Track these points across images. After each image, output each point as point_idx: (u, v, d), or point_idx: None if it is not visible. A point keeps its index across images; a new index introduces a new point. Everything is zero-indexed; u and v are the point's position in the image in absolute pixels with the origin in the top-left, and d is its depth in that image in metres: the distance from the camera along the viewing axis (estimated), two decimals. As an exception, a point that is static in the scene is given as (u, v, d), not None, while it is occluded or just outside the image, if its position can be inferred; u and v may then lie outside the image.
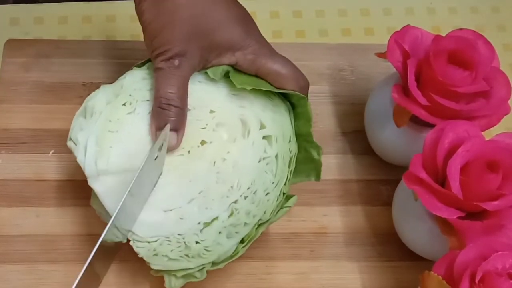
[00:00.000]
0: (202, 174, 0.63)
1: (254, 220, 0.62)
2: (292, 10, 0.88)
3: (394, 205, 0.70)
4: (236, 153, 0.63)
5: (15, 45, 0.79)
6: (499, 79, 0.67)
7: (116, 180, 0.62)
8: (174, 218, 0.62)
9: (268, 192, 0.63)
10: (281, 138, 0.64)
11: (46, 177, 0.72)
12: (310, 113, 0.65)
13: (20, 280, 0.67)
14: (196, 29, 0.62)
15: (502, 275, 0.56)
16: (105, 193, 0.62)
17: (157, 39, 0.62)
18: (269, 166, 0.63)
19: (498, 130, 0.67)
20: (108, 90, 0.65)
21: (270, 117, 0.65)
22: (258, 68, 0.64)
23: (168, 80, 0.62)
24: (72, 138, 0.64)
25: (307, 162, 0.66)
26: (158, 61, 0.62)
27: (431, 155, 0.63)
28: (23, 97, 0.76)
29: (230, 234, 0.62)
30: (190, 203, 0.62)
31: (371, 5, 0.89)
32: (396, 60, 0.68)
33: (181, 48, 0.62)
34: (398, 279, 0.70)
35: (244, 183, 0.62)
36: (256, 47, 0.64)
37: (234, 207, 0.62)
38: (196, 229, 0.62)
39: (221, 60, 0.64)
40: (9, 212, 0.70)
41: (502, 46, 0.86)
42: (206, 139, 0.64)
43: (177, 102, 0.62)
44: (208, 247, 0.61)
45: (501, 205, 0.60)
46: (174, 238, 0.61)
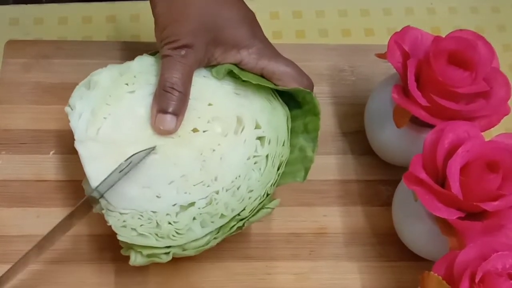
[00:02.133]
0: (188, 160, 0.64)
1: (232, 214, 0.63)
2: (292, 11, 0.88)
3: (394, 205, 0.70)
4: (226, 147, 0.64)
5: (15, 46, 0.79)
6: (499, 79, 0.67)
7: (102, 150, 0.64)
8: (151, 195, 0.63)
9: (252, 190, 0.64)
10: (274, 141, 0.65)
11: (46, 178, 0.72)
12: (317, 107, 0.66)
13: (20, 280, 0.67)
14: (204, 25, 0.64)
15: (502, 275, 0.56)
16: (88, 158, 0.63)
17: (166, 30, 0.64)
18: (257, 165, 0.64)
19: (498, 131, 0.67)
20: (114, 68, 0.67)
21: (267, 119, 0.66)
22: (262, 68, 0.66)
23: (174, 65, 0.64)
24: (70, 104, 0.66)
25: (296, 162, 0.67)
26: (165, 49, 0.64)
27: (431, 156, 0.63)
28: (23, 97, 0.76)
29: (205, 222, 0.63)
30: (170, 184, 0.63)
31: (371, 6, 0.89)
32: (396, 60, 0.68)
33: (189, 41, 0.64)
34: (398, 279, 0.70)
35: (228, 177, 0.63)
36: (260, 47, 0.66)
37: (213, 197, 0.63)
38: (170, 210, 0.62)
39: (227, 57, 0.66)
40: (10, 213, 0.70)
41: (502, 47, 0.86)
42: (199, 128, 0.65)
43: (181, 87, 0.64)
44: (179, 230, 0.62)
45: (501, 206, 0.60)
46: (147, 214, 0.62)
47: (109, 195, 0.63)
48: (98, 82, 0.66)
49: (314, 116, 0.66)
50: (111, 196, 0.63)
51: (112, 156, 0.63)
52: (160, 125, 0.64)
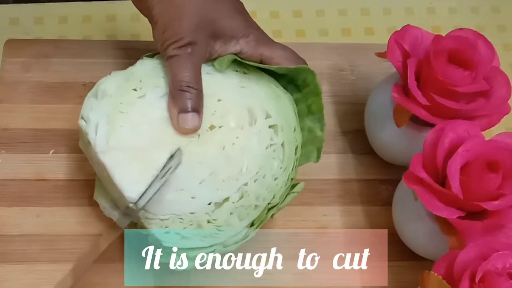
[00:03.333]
0: (212, 157, 0.64)
1: (264, 203, 0.64)
2: (292, 10, 0.88)
3: (394, 205, 0.70)
4: (244, 139, 0.65)
5: (15, 45, 0.79)
6: (499, 78, 0.67)
7: (127, 157, 0.63)
8: (186, 197, 0.63)
9: (277, 177, 0.65)
10: (286, 127, 0.66)
11: (46, 177, 0.72)
12: (319, 87, 0.67)
13: (20, 280, 0.67)
14: (203, 20, 0.65)
15: (502, 275, 0.56)
16: (115, 167, 0.63)
17: (168, 31, 0.64)
18: (276, 153, 0.65)
19: (498, 130, 0.67)
20: (119, 75, 0.66)
21: (275, 108, 0.66)
22: (261, 54, 0.67)
23: (184, 64, 0.64)
24: (83, 116, 0.65)
25: (307, 144, 0.68)
26: (170, 49, 0.64)
27: (431, 155, 0.63)
28: (23, 97, 0.76)
29: (241, 216, 0.63)
30: (201, 184, 0.63)
31: (371, 5, 0.89)
32: (396, 59, 0.68)
33: (192, 38, 0.64)
34: (398, 278, 0.70)
35: (253, 168, 0.64)
36: (257, 34, 0.67)
37: (244, 190, 0.64)
38: (208, 209, 0.63)
39: (227, 48, 0.67)
40: (9, 212, 0.70)
41: (502, 46, 0.86)
42: (215, 124, 0.65)
43: (195, 84, 0.64)
44: (219, 226, 0.63)
45: (501, 205, 0.60)
46: (186, 217, 0.63)
47: (149, 204, 0.62)
48: (105, 90, 0.65)
49: (316, 96, 0.67)
50: (151, 204, 0.62)
51: (138, 162, 0.63)
52: (185, 125, 0.64)
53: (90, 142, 0.63)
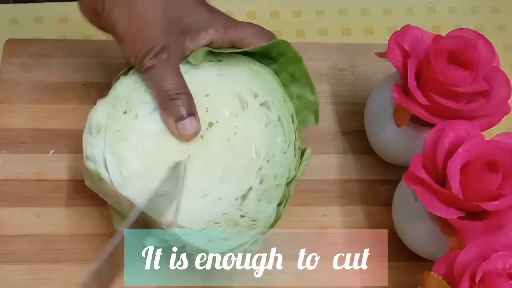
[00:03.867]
0: (221, 153, 0.64)
1: (283, 180, 0.65)
2: (292, 10, 0.88)
3: (394, 205, 0.70)
4: (243, 125, 0.65)
5: (15, 45, 0.79)
6: (499, 78, 0.67)
7: (144, 182, 0.63)
8: (213, 201, 0.63)
9: (285, 151, 0.65)
10: (276, 101, 0.67)
11: (46, 177, 0.72)
12: (297, 54, 0.68)
13: (20, 280, 0.67)
14: (170, 21, 0.64)
15: (502, 275, 0.56)
16: (139, 197, 0.62)
17: (138, 42, 0.63)
18: (276, 128, 0.66)
19: (498, 130, 0.67)
20: (106, 103, 0.65)
21: (260, 85, 0.67)
22: (231, 39, 0.67)
23: (165, 72, 0.63)
24: (88, 157, 0.64)
25: (301, 110, 0.69)
26: (146, 61, 0.63)
27: (431, 155, 0.63)
28: (23, 97, 0.76)
29: (268, 199, 0.64)
30: (221, 183, 0.64)
31: (371, 5, 0.89)
32: (396, 59, 0.68)
33: (164, 43, 0.63)
34: (398, 279, 0.70)
35: (261, 150, 0.65)
36: (223, 20, 0.67)
37: (261, 174, 0.64)
38: (236, 205, 0.63)
39: (198, 42, 0.66)
40: (9, 212, 0.70)
41: (502, 46, 0.86)
42: (212, 120, 0.65)
43: (183, 88, 0.64)
44: (253, 217, 0.63)
45: (501, 205, 0.60)
46: (221, 219, 0.63)
47: (183, 219, 0.62)
48: (98, 123, 0.64)
49: (296, 63, 0.68)
50: (180, 219, 0.62)
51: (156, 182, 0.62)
52: (185, 132, 0.63)
53: (104, 180, 0.63)
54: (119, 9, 0.63)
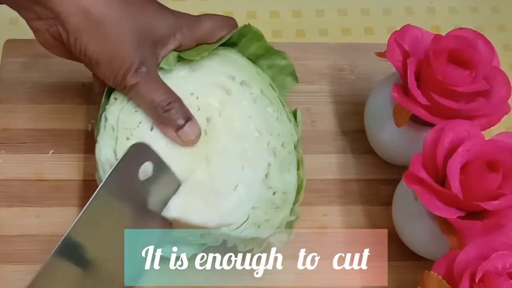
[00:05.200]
0: (230, 144, 0.65)
1: (291, 147, 0.66)
2: (292, 10, 0.88)
3: (394, 204, 0.70)
4: (235, 110, 0.66)
5: (15, 45, 0.79)
6: (499, 78, 0.67)
7: (182, 196, 0.63)
8: (245, 189, 0.64)
9: (280, 119, 0.67)
10: (251, 76, 0.68)
11: (45, 177, 0.72)
12: (258, 32, 0.68)
13: (20, 280, 0.67)
14: (141, 35, 0.63)
15: (502, 275, 0.56)
16: (184, 213, 0.63)
17: (115, 62, 0.62)
18: (264, 102, 0.67)
19: (498, 130, 0.67)
20: (106, 139, 0.65)
21: (231, 66, 0.68)
22: (197, 39, 0.67)
23: (150, 86, 0.63)
24: None
25: (276, 76, 0.70)
26: (128, 79, 0.63)
27: (431, 155, 0.63)
28: (23, 97, 0.76)
29: (287, 168, 0.66)
30: (243, 169, 0.65)
31: (371, 5, 0.89)
32: (396, 59, 0.68)
33: (140, 57, 0.63)
34: (398, 279, 0.70)
35: (261, 127, 0.66)
36: (186, 22, 0.66)
37: (272, 148, 0.66)
38: (264, 185, 0.64)
39: (168, 48, 0.66)
40: (9, 212, 0.70)
41: (502, 46, 0.86)
42: (207, 115, 0.66)
43: (172, 96, 0.64)
44: (283, 190, 0.65)
45: (501, 205, 0.60)
46: (258, 203, 0.64)
47: (229, 217, 0.63)
48: (109, 160, 0.64)
49: (258, 41, 0.69)
50: (224, 220, 0.63)
51: (189, 193, 0.63)
52: (189, 137, 0.64)
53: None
54: (87, 33, 0.61)
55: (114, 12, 0.61)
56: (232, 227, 0.63)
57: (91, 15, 0.60)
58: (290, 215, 0.65)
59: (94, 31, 0.61)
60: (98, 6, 0.61)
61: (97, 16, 0.61)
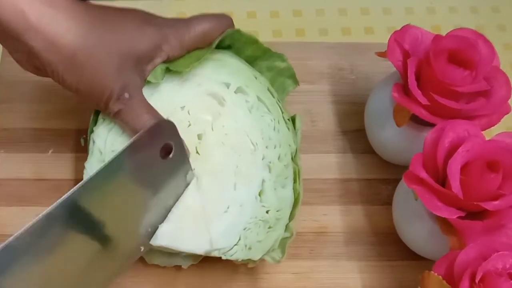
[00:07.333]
0: (223, 160, 0.64)
1: (288, 158, 0.65)
2: (292, 9, 0.88)
3: (394, 204, 0.70)
4: (229, 121, 0.64)
5: (15, 45, 0.79)
6: (499, 78, 0.67)
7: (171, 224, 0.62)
8: (237, 210, 0.63)
9: (278, 129, 0.65)
10: (248, 80, 0.66)
11: (45, 177, 0.72)
12: (253, 36, 0.66)
13: (20, 279, 0.67)
14: (121, 58, 0.60)
15: (502, 275, 0.56)
16: (172, 241, 0.62)
17: (95, 91, 0.60)
18: (260, 110, 0.65)
19: (498, 130, 0.67)
20: (94, 164, 0.64)
21: (225, 72, 0.65)
22: (186, 47, 0.64)
23: (135, 111, 0.61)
24: None
25: (275, 79, 0.68)
26: (111, 105, 0.61)
27: (431, 155, 0.63)
28: (22, 96, 0.76)
29: (282, 183, 0.64)
30: (235, 189, 0.63)
31: (371, 4, 0.89)
32: (396, 59, 0.68)
33: (122, 82, 0.60)
34: (398, 278, 0.70)
35: (257, 137, 0.64)
36: (173, 31, 0.63)
37: (267, 162, 0.64)
38: (257, 204, 0.63)
39: (154, 62, 0.63)
40: (9, 212, 0.70)
41: (502, 46, 0.86)
42: (199, 131, 0.64)
43: (157, 117, 0.61)
44: (277, 207, 0.64)
45: (501, 205, 0.60)
46: (250, 224, 0.63)
47: (219, 241, 0.62)
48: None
49: (253, 44, 0.67)
50: (215, 242, 0.62)
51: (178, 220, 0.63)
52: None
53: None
54: (62, 66, 0.58)
55: (87, 41, 0.58)
56: (222, 251, 0.62)
57: (64, 48, 0.57)
58: (285, 232, 0.64)
59: (68, 62, 0.58)
60: (68, 38, 0.57)
61: (69, 48, 0.58)
